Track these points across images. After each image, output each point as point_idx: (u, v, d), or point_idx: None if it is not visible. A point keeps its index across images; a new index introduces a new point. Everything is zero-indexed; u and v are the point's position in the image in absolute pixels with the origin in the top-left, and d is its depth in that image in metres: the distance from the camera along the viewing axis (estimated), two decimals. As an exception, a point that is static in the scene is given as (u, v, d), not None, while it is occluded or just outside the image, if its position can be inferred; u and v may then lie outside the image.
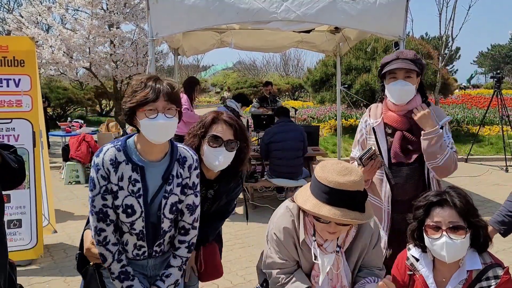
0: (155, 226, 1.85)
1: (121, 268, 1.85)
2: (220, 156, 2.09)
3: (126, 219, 1.81)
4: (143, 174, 1.80)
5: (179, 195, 1.88)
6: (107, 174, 1.77)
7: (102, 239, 1.82)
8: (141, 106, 1.71)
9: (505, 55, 57.32)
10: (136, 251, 1.89)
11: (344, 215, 1.76)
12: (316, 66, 13.79)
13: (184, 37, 7.45)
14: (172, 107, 1.75)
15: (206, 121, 2.16)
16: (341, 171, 1.82)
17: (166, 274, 1.94)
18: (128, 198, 1.79)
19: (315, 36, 7.83)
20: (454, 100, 17.21)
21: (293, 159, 5.71)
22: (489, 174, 8.24)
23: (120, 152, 1.79)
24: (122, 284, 1.85)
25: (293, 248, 1.96)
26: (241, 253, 4.43)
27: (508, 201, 2.29)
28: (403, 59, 2.32)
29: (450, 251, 1.78)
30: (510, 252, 4.38)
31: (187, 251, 1.97)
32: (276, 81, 27.10)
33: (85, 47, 10.55)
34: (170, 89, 1.74)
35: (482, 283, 1.82)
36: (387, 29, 5.49)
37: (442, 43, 11.42)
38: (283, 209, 2.03)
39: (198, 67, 37.30)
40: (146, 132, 1.75)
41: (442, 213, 1.82)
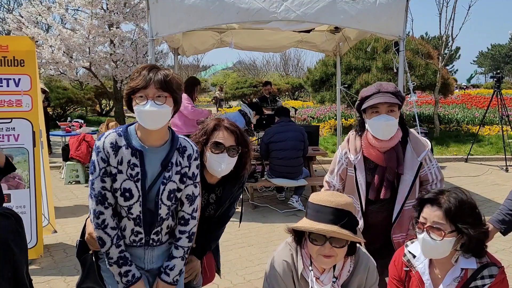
0: (153, 212, 1.88)
1: (119, 254, 1.85)
2: (223, 162, 2.13)
3: (124, 202, 1.84)
4: (142, 159, 1.84)
5: (178, 183, 1.91)
6: (107, 157, 1.82)
7: (101, 222, 1.84)
8: (133, 93, 1.81)
9: (505, 55, 57.34)
10: (133, 237, 1.90)
11: (336, 229, 1.81)
12: (316, 66, 13.78)
13: (184, 37, 7.46)
14: (163, 94, 1.80)
15: (208, 128, 2.19)
16: (333, 194, 1.97)
17: (170, 267, 1.95)
18: (127, 182, 1.82)
19: (315, 36, 7.83)
20: (454, 100, 17.20)
21: (293, 159, 5.72)
22: (489, 174, 8.24)
23: (121, 137, 1.85)
24: (120, 269, 1.86)
25: (291, 282, 1.97)
26: (241, 253, 4.43)
27: (508, 200, 2.29)
28: (384, 93, 2.26)
29: (426, 248, 1.83)
30: (510, 252, 4.39)
31: (188, 241, 1.99)
32: (276, 81, 27.13)
33: (85, 47, 10.54)
34: (163, 78, 1.79)
35: (477, 281, 1.83)
36: (387, 29, 5.49)
37: (442, 43, 11.42)
38: (282, 244, 2.09)
39: (198, 67, 37.33)
40: (138, 118, 1.83)
41: (429, 211, 1.85)
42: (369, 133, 2.33)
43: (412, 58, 10.90)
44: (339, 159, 2.48)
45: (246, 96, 24.50)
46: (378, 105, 2.25)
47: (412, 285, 1.96)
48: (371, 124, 2.29)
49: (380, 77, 10.66)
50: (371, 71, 11.08)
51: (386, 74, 10.74)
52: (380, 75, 10.74)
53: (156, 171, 1.87)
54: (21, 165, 4.12)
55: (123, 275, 1.86)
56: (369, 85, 2.36)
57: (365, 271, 1.98)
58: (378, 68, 10.95)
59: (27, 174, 4.16)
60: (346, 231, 1.82)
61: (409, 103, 12.77)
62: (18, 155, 4.12)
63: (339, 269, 1.96)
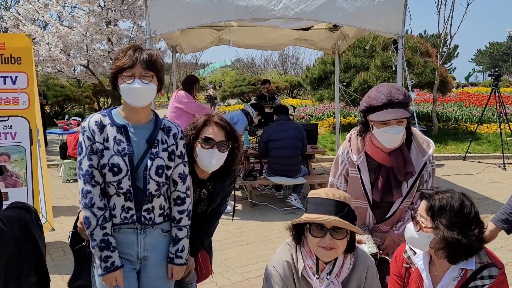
0: (141, 188, 1.90)
1: (102, 236, 1.85)
2: (213, 158, 2.15)
3: (113, 177, 1.86)
4: (127, 134, 1.91)
5: (166, 160, 1.95)
6: (92, 135, 1.88)
7: (88, 201, 1.85)
8: (120, 72, 1.88)
9: (503, 53, 57.42)
10: (124, 214, 1.91)
11: (336, 219, 1.84)
12: (314, 64, 13.78)
13: (182, 35, 7.43)
14: (149, 73, 1.88)
15: (198, 123, 2.21)
16: (331, 189, 2.02)
17: (180, 249, 2.00)
18: (114, 157, 1.86)
19: (314, 33, 7.82)
20: (452, 98, 17.23)
21: (292, 157, 5.71)
22: (487, 172, 8.25)
23: (105, 117, 1.94)
24: (101, 253, 1.85)
25: (292, 283, 1.97)
26: (240, 251, 4.42)
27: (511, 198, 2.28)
28: (395, 104, 2.17)
29: (407, 235, 1.91)
30: (508, 250, 4.39)
31: (188, 219, 2.04)
32: (274, 79, 27.10)
33: (82, 45, 10.51)
34: (148, 57, 1.88)
35: (476, 282, 1.82)
36: (386, 27, 5.48)
37: (441, 41, 11.42)
38: (282, 245, 2.09)
39: (196, 65, 37.28)
40: (124, 95, 1.89)
41: (422, 204, 1.89)
42: (374, 137, 2.27)
43: (410, 56, 10.90)
44: (342, 160, 2.43)
45: (244, 94, 24.47)
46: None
47: (411, 281, 1.97)
48: (379, 133, 2.22)
49: (378, 75, 10.66)
50: (369, 69, 11.08)
51: (385, 72, 10.74)
52: (378, 73, 10.74)
53: (142, 148, 1.92)
54: (18, 163, 4.11)
55: (102, 260, 1.86)
56: (378, 91, 2.25)
57: (364, 269, 1.98)
58: (377, 66, 10.94)
59: (24, 172, 4.14)
60: (346, 222, 1.85)
61: (408, 101, 12.76)
62: (15, 153, 4.10)
63: (339, 266, 1.95)
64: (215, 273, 3.80)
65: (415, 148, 2.33)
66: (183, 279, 2.30)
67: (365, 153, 2.34)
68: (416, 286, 1.94)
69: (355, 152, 2.36)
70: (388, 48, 10.52)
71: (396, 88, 2.24)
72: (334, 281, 1.94)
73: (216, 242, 4.57)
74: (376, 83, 10.49)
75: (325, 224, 1.86)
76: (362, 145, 2.36)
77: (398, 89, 2.24)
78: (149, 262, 1.98)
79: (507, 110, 10.49)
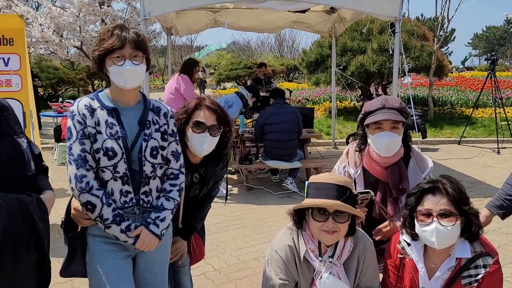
0: (138, 169, 1.87)
1: (113, 212, 1.80)
2: (205, 142, 2.13)
3: (108, 162, 1.81)
4: (118, 117, 1.86)
5: (159, 141, 1.93)
6: (83, 119, 1.82)
7: (85, 185, 1.78)
8: (108, 53, 1.81)
9: (499, 37, 57.31)
10: (123, 198, 1.86)
11: (339, 203, 1.85)
12: (311, 47, 13.66)
13: (177, 17, 7.33)
14: (139, 54, 1.84)
15: (189, 107, 2.18)
16: (332, 174, 2.03)
17: (161, 218, 1.91)
18: (107, 141, 1.82)
19: (310, 16, 7.74)
20: (448, 82, 17.22)
21: (288, 141, 5.70)
22: (481, 156, 8.31)
23: (94, 100, 1.88)
24: (120, 226, 1.81)
25: (294, 266, 1.99)
26: (236, 234, 4.45)
27: (507, 184, 2.29)
28: (389, 109, 2.20)
29: (440, 237, 1.80)
30: (500, 232, 4.44)
31: (178, 195, 1.99)
32: (270, 62, 26.92)
33: (75, 26, 10.35)
34: (136, 37, 1.82)
35: (470, 271, 1.84)
36: (383, 10, 5.43)
37: (438, 24, 11.34)
38: (283, 229, 2.09)
39: (191, 48, 36.94)
40: (114, 78, 1.84)
41: (433, 200, 1.84)
42: (371, 148, 2.28)
43: (407, 40, 10.84)
44: (338, 174, 2.38)
45: (240, 77, 24.32)
46: (382, 121, 2.19)
47: (406, 272, 1.98)
48: (373, 140, 2.23)
49: (375, 59, 10.61)
50: (366, 52, 11.01)
51: (382, 55, 10.68)
52: (375, 57, 10.67)
53: (135, 130, 1.88)
54: (13, 146, 4.07)
55: (126, 231, 1.83)
56: (375, 100, 2.29)
57: (363, 249, 2.01)
58: (374, 49, 10.87)
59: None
60: (348, 205, 1.86)
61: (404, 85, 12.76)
62: (9, 136, 4.07)
63: (341, 248, 1.98)
64: (211, 255, 3.84)
65: (414, 164, 2.32)
66: (176, 263, 2.32)
67: (363, 168, 2.33)
68: (411, 277, 1.96)
69: (353, 165, 2.34)
70: (385, 32, 10.44)
71: (392, 98, 2.29)
72: (337, 263, 1.97)
73: (212, 226, 4.61)
74: (373, 67, 10.46)
75: (327, 208, 1.87)
76: (360, 160, 2.35)
77: (394, 99, 2.27)
78: None
79: (503, 94, 10.50)
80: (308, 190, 1.98)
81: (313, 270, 1.98)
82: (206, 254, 2.56)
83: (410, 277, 1.96)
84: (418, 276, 1.93)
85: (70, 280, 3.36)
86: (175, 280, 2.38)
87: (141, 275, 1.99)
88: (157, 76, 33.41)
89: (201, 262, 2.59)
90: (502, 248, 4.04)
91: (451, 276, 1.87)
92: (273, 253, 2.03)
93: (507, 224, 4.62)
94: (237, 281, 3.45)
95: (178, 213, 2.28)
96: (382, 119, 2.18)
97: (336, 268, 1.96)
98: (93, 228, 1.89)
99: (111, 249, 1.89)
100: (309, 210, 1.94)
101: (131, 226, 1.84)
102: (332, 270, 1.95)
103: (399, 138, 2.22)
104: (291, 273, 1.98)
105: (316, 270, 1.97)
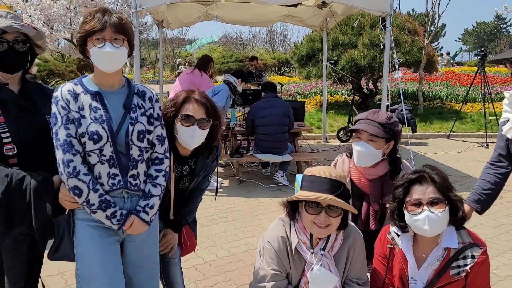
0: (124, 153, 1.88)
1: (99, 198, 1.82)
2: (194, 135, 2.14)
3: (94, 145, 1.82)
4: (102, 101, 1.87)
5: (146, 125, 1.94)
6: (67, 104, 1.83)
7: (72, 170, 1.79)
8: (89, 35, 1.82)
9: (489, 32, 57.71)
10: (111, 181, 1.87)
11: (332, 197, 1.88)
12: (302, 41, 13.64)
13: (169, 9, 7.29)
14: (120, 37, 1.84)
15: (177, 100, 2.19)
16: (327, 167, 2.03)
17: (150, 205, 1.94)
18: (92, 124, 1.82)
19: (302, 10, 7.74)
20: (438, 77, 17.34)
21: (279, 134, 5.73)
22: (470, 150, 8.41)
23: (77, 86, 1.89)
24: (106, 213, 1.83)
25: (286, 257, 2.01)
26: (226, 227, 4.48)
27: (481, 180, 2.38)
28: (372, 121, 2.27)
29: (432, 224, 1.84)
30: (488, 226, 4.53)
31: (164, 180, 2.00)
32: (262, 56, 26.86)
33: (66, 18, 10.22)
34: (118, 21, 1.83)
35: (459, 261, 1.88)
36: (374, 5, 5.46)
37: (428, 20, 11.41)
38: (276, 221, 2.12)
39: (183, 41, 36.66)
40: (95, 60, 1.85)
41: (421, 189, 1.88)
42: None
43: (398, 35, 10.87)
44: None
45: (231, 71, 24.23)
46: (360, 131, 2.27)
47: (395, 262, 2.01)
48: (352, 148, 2.34)
49: (366, 54, 10.64)
50: (357, 47, 11.04)
51: (372, 50, 10.72)
52: (366, 51, 10.71)
53: (120, 114, 1.89)
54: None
55: (111, 218, 1.85)
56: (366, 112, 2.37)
57: (353, 242, 2.04)
58: (365, 44, 10.90)
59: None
60: (342, 200, 1.89)
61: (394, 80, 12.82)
62: None
63: (332, 241, 2.02)
64: (201, 248, 3.87)
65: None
66: (166, 255, 2.33)
67: (351, 179, 2.37)
68: (400, 267, 1.99)
69: None
70: (376, 26, 10.46)
71: (382, 112, 2.33)
72: (327, 255, 2.00)
73: (202, 218, 4.63)
74: (364, 61, 10.49)
75: (320, 202, 1.90)
76: (348, 170, 2.39)
77: (384, 113, 2.31)
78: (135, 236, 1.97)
79: (492, 90, 10.61)
80: (303, 183, 2.00)
81: (304, 262, 2.01)
82: (196, 246, 2.59)
83: (399, 267, 1.99)
84: (407, 266, 1.97)
85: (60, 274, 3.37)
86: (165, 272, 2.39)
87: (132, 259, 2.00)
88: (149, 70, 33.16)
89: (192, 255, 2.61)
90: (489, 241, 4.12)
91: (440, 267, 1.91)
92: (265, 243, 2.05)
93: (494, 218, 4.71)
94: (228, 273, 3.48)
95: (169, 205, 2.30)
96: (359, 129, 2.25)
97: (327, 260, 1.99)
98: (81, 211, 1.89)
99: (99, 233, 1.90)
100: (303, 203, 1.97)
101: (116, 213, 1.86)
102: (322, 262, 1.98)
103: (375, 152, 2.27)
104: (283, 264, 2.01)
105: (307, 261, 1.99)
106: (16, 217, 1.84)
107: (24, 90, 2.01)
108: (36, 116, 1.97)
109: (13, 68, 1.96)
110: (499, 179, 2.33)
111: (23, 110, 1.95)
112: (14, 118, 1.90)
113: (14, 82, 1.99)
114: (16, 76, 2.00)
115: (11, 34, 1.93)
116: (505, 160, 2.31)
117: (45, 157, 1.92)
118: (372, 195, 2.31)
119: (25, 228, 1.87)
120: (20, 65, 1.98)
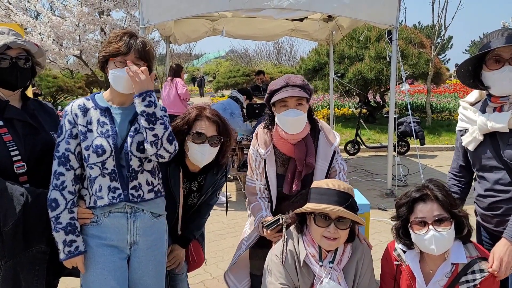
0: (125, 165, 1.90)
1: (70, 220, 1.83)
2: (205, 153, 2.13)
3: (97, 158, 1.85)
4: (110, 116, 1.92)
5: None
6: (74, 119, 1.88)
7: (60, 183, 1.83)
8: (112, 57, 1.87)
9: (496, 44, 57.43)
10: (112, 194, 1.88)
11: (341, 209, 1.87)
12: (309, 54, 13.73)
13: (176, 25, 7.39)
14: (141, 63, 1.89)
15: (189, 117, 2.18)
16: (335, 180, 2.06)
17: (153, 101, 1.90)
18: (98, 139, 1.86)
19: (308, 24, 7.79)
20: (446, 89, 17.29)
21: (286, 148, 5.70)
22: (480, 162, 8.31)
23: (89, 101, 1.95)
24: (66, 237, 1.82)
25: (294, 271, 2.00)
26: (234, 242, 4.44)
27: None
28: (293, 86, 2.25)
29: (439, 243, 1.81)
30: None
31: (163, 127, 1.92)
32: (268, 70, 27.00)
33: (75, 35, 10.40)
34: (142, 46, 1.89)
35: (467, 276, 1.85)
36: (380, 18, 5.48)
37: (435, 32, 11.42)
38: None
39: (190, 56, 37.04)
40: (112, 81, 1.89)
41: (425, 207, 1.85)
42: (279, 126, 2.32)
43: (405, 47, 10.90)
44: (255, 157, 2.40)
45: (238, 85, 24.38)
46: (286, 99, 2.23)
47: (403, 279, 1.98)
48: (280, 118, 2.28)
49: (373, 66, 10.66)
50: (364, 60, 11.07)
51: (379, 63, 10.73)
52: (373, 64, 10.73)
53: (126, 129, 1.92)
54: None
55: (67, 244, 1.83)
56: (278, 78, 2.34)
57: (361, 255, 2.02)
58: (371, 57, 10.93)
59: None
60: (351, 212, 1.88)
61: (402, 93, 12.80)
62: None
63: (340, 254, 2.00)
64: (209, 263, 3.83)
65: (324, 138, 2.36)
66: (173, 270, 2.31)
67: (273, 146, 2.35)
68: (408, 284, 1.96)
69: (263, 146, 2.35)
70: (382, 39, 10.50)
71: (295, 76, 2.34)
72: (336, 268, 1.98)
73: (210, 233, 4.60)
74: (371, 74, 10.50)
75: (330, 214, 1.89)
76: (270, 139, 2.36)
77: (297, 76, 2.33)
78: (139, 246, 1.96)
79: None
80: (311, 195, 1.99)
81: (313, 275, 1.99)
82: (204, 261, 2.56)
83: (407, 284, 1.96)
84: (415, 283, 1.93)
85: (64, 283, 3.34)
86: (172, 287, 2.37)
87: (137, 275, 1.98)
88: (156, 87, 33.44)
89: (200, 270, 2.58)
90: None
91: (449, 283, 1.87)
92: (273, 257, 2.03)
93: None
94: (236, 289, 3.44)
95: (177, 220, 2.29)
96: (286, 96, 2.21)
97: (336, 273, 1.97)
98: (87, 227, 1.90)
99: (105, 249, 1.89)
100: (311, 215, 1.96)
101: (74, 243, 1.84)
102: (332, 275, 1.96)
103: (304, 115, 2.26)
104: (291, 277, 1.99)
105: (316, 275, 1.97)
106: (35, 235, 1.85)
107: (26, 107, 2.02)
108: (41, 133, 1.99)
109: (16, 85, 1.97)
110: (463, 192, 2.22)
111: (29, 127, 1.96)
112: (21, 135, 1.92)
113: (15, 99, 2.00)
114: (17, 93, 2.01)
115: (14, 50, 1.94)
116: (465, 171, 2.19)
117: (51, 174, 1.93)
118: (297, 157, 2.29)
119: (44, 246, 1.87)
120: (22, 82, 2.00)
